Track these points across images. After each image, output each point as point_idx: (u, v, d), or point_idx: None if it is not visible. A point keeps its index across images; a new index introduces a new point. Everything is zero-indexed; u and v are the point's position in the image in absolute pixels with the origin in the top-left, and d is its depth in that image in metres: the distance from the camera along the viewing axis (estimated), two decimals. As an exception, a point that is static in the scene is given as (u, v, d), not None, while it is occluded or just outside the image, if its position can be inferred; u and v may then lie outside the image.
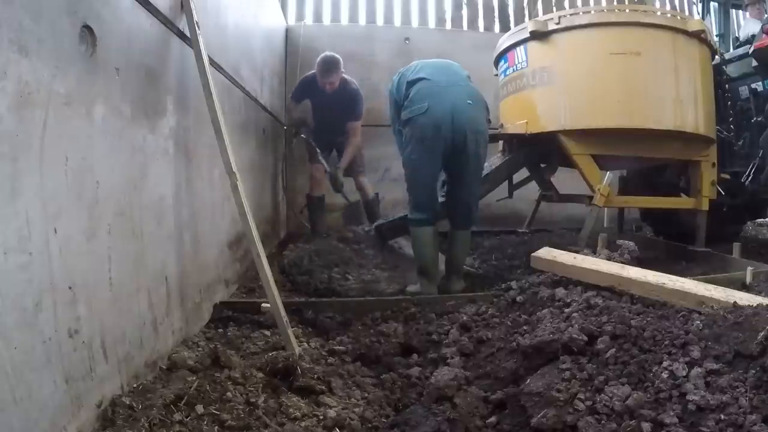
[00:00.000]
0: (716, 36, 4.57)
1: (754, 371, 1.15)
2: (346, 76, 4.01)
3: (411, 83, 2.75)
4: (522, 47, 3.40)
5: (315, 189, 4.21)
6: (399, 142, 2.88)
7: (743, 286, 2.28)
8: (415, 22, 5.93)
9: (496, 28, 6.04)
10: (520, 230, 4.39)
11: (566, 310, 1.81)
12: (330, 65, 3.82)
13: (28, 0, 0.96)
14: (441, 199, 2.88)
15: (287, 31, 5.08)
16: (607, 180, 3.53)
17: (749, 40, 3.65)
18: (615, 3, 5.10)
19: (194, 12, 1.75)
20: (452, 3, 6.04)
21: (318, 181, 4.20)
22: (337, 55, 3.89)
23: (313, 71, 4.00)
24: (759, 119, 3.46)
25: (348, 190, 4.34)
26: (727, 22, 4.86)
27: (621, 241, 2.64)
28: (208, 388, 1.34)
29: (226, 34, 2.47)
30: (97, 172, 1.22)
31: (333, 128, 4.07)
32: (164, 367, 1.54)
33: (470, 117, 2.68)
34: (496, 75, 3.83)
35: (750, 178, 3.42)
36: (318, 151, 4.12)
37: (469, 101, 2.69)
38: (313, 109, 4.16)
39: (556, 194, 3.87)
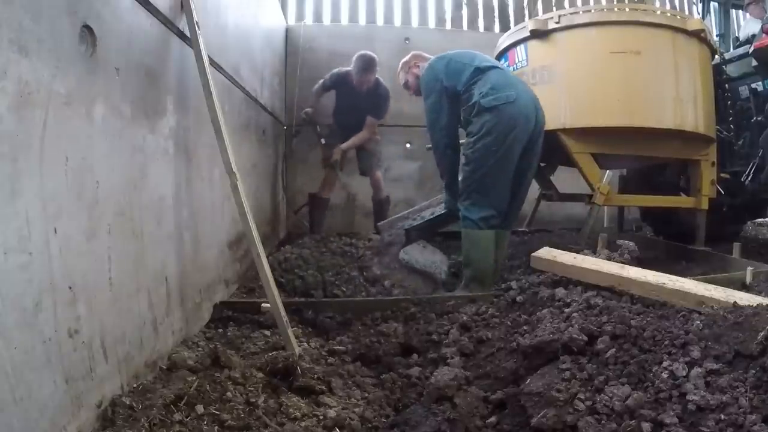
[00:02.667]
0: (716, 36, 4.57)
1: (754, 371, 1.15)
2: (378, 77, 4.07)
3: (481, 70, 2.61)
4: (522, 46, 3.40)
5: (324, 191, 4.25)
6: (447, 131, 2.70)
7: (743, 286, 2.28)
8: (415, 22, 5.93)
9: (496, 28, 6.04)
10: (519, 230, 4.39)
11: (566, 310, 1.80)
12: (369, 63, 3.89)
13: (28, 0, 0.96)
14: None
15: (287, 31, 5.07)
16: (606, 179, 3.53)
17: (749, 40, 3.65)
18: (615, 2, 5.10)
19: (194, 12, 1.75)
20: (452, 3, 6.03)
21: (329, 185, 4.24)
22: (375, 55, 3.94)
23: (346, 68, 4.05)
24: (759, 119, 3.46)
25: (353, 188, 4.38)
26: (727, 22, 4.85)
27: (621, 241, 2.64)
28: (208, 388, 1.34)
29: (226, 34, 2.47)
30: (97, 172, 1.21)
31: (353, 125, 4.10)
32: (164, 367, 1.54)
33: (542, 113, 2.69)
34: (496, 74, 3.83)
35: (750, 177, 3.42)
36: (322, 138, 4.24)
37: (536, 96, 2.69)
38: (337, 104, 4.20)
39: (556, 193, 3.87)
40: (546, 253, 2.39)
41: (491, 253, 2.60)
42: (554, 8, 5.97)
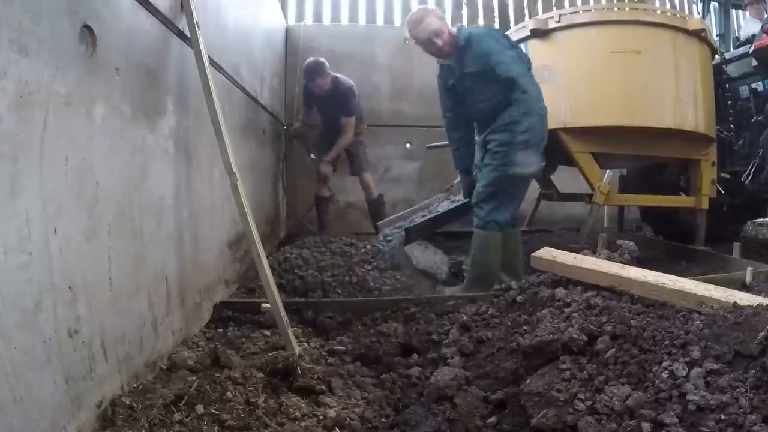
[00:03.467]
0: (716, 36, 4.57)
1: (754, 371, 1.15)
2: (338, 75, 4.14)
3: (530, 69, 2.71)
4: (522, 45, 3.39)
5: (321, 190, 4.29)
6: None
7: (743, 286, 2.27)
8: (415, 21, 5.92)
9: (496, 27, 6.04)
10: (519, 229, 4.38)
11: (566, 310, 1.80)
12: (311, 70, 4.00)
13: (28, 0, 0.96)
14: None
15: (287, 31, 5.08)
16: (607, 178, 3.53)
17: (749, 40, 3.65)
18: (615, 1, 5.10)
19: (194, 12, 1.75)
20: (452, 3, 6.03)
21: (323, 183, 4.28)
22: (320, 59, 4.02)
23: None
24: (759, 119, 3.47)
25: (352, 188, 4.38)
26: (728, 22, 4.86)
27: (621, 241, 2.63)
28: (208, 388, 1.34)
29: (226, 34, 2.47)
30: (97, 172, 1.21)
31: (332, 127, 4.17)
32: (164, 367, 1.54)
33: None
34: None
35: (750, 177, 3.43)
36: (311, 153, 4.38)
37: None
38: (318, 112, 4.31)
39: (556, 193, 3.87)
40: (546, 253, 2.38)
41: (498, 256, 2.65)
42: (554, 8, 5.97)
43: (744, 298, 1.67)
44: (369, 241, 3.36)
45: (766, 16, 4.11)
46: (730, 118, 3.73)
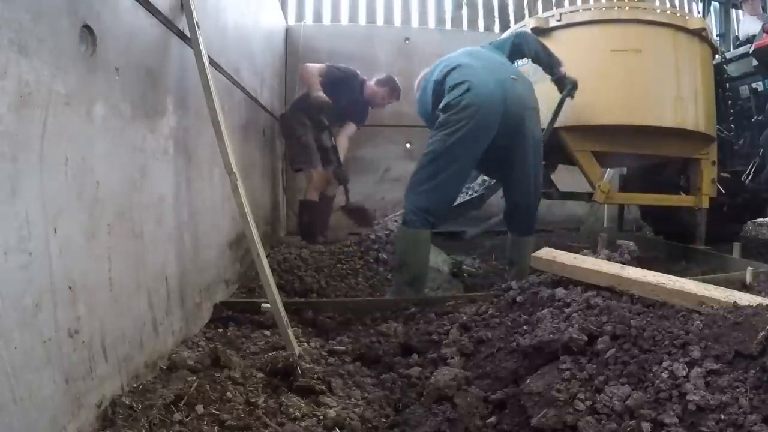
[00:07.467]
0: (717, 35, 4.57)
1: (754, 371, 1.15)
2: None
3: (446, 74, 2.54)
4: (523, 45, 3.39)
5: (313, 193, 4.25)
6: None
7: (743, 286, 2.27)
8: (415, 22, 5.93)
9: (496, 28, 6.05)
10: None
11: (566, 310, 1.80)
12: (399, 91, 4.03)
13: (28, 0, 0.96)
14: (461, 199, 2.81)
15: (287, 31, 5.07)
16: (607, 177, 3.53)
17: (750, 40, 3.66)
18: (616, 0, 5.11)
19: (194, 12, 1.75)
20: (452, 3, 6.03)
21: (316, 185, 4.24)
22: None
23: (351, 68, 4.07)
24: (759, 118, 3.47)
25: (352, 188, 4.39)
26: (728, 22, 4.86)
27: (621, 241, 2.63)
28: (208, 388, 1.34)
29: (226, 34, 2.47)
30: (97, 172, 1.21)
31: (334, 117, 4.08)
32: (164, 367, 1.54)
33: (521, 93, 2.48)
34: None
35: (750, 177, 3.43)
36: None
37: (512, 76, 2.53)
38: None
39: (557, 191, 3.87)
40: (546, 253, 2.38)
41: (427, 255, 2.53)
42: (554, 7, 5.97)
43: (744, 298, 1.66)
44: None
45: (762, 12, 4.12)
46: (731, 118, 3.74)
